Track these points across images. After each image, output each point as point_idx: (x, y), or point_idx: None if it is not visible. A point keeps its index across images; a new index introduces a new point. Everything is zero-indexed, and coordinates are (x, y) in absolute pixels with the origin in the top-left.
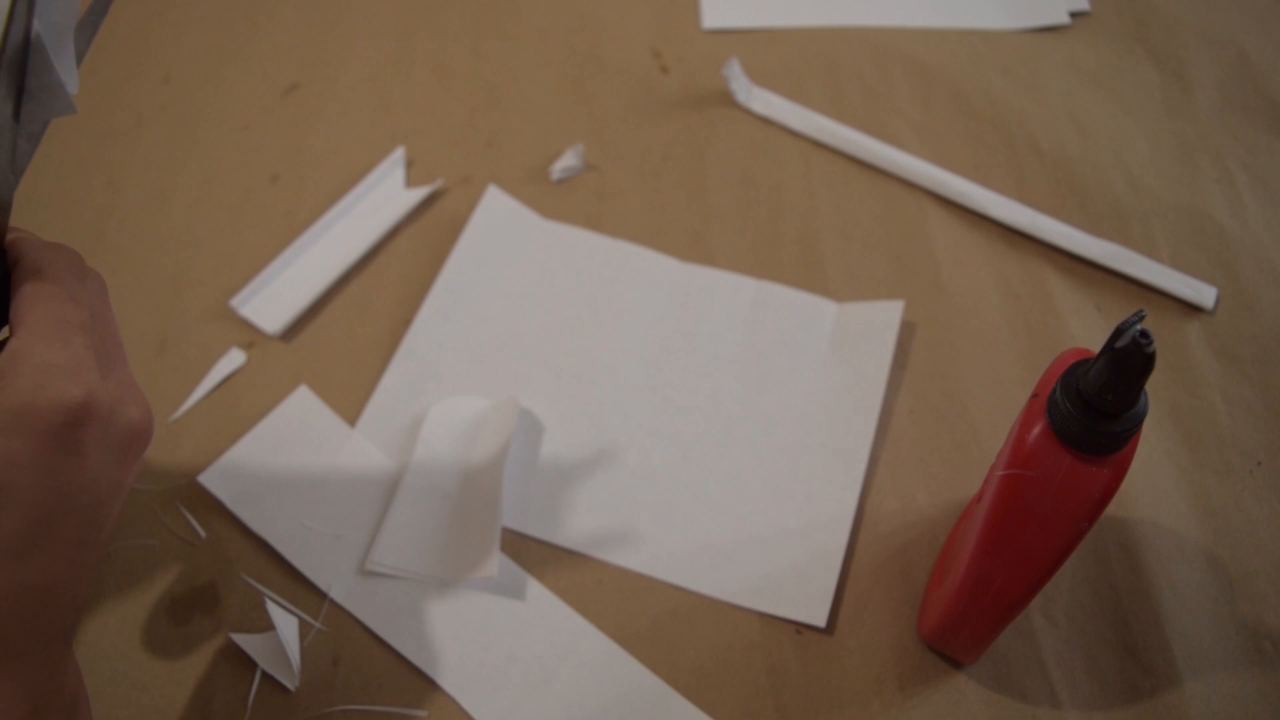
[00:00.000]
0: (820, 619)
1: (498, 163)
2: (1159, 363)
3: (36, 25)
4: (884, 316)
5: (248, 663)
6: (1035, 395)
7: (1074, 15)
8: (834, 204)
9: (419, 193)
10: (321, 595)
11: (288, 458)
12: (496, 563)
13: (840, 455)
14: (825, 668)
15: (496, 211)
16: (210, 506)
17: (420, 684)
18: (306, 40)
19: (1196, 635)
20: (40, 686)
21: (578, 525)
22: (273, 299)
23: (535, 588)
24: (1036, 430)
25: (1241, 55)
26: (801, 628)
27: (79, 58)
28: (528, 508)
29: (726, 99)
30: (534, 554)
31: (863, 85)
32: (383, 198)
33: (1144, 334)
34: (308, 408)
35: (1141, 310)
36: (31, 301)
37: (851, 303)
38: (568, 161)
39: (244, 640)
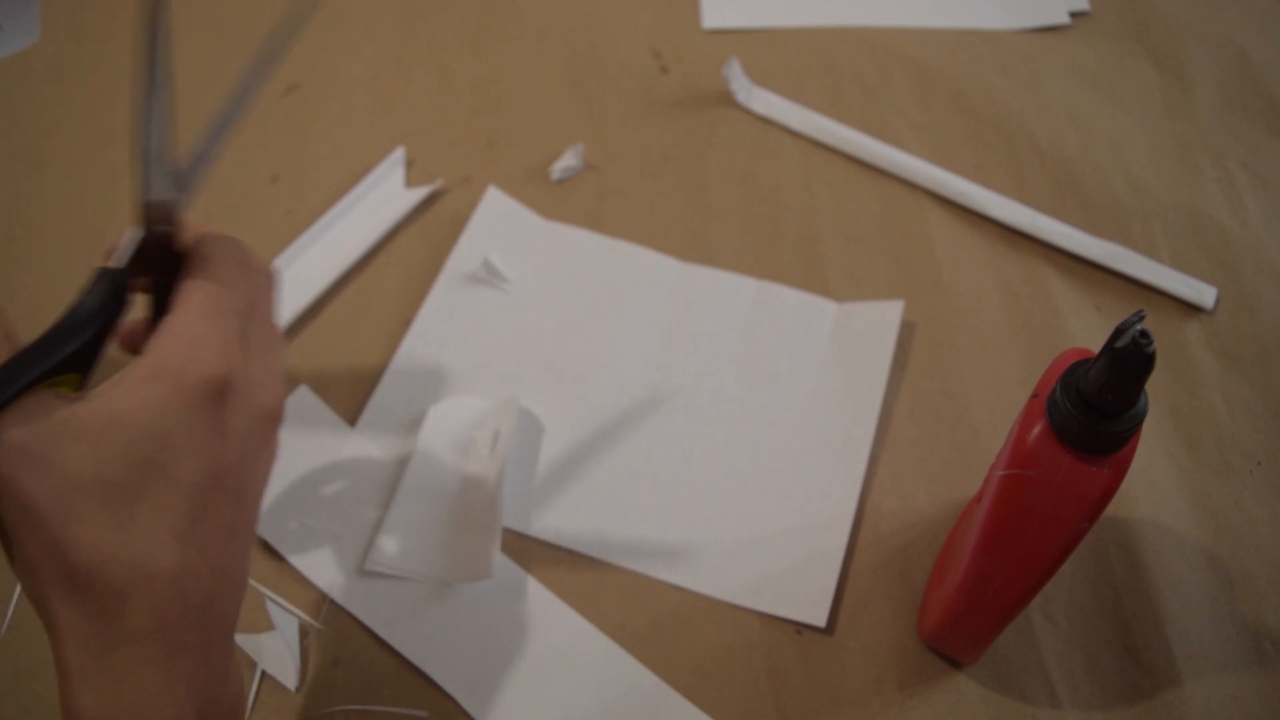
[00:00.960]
0: (820, 619)
1: (498, 163)
2: (1159, 363)
3: None
4: (884, 316)
5: (248, 663)
6: (1035, 395)
7: (1074, 15)
8: (834, 204)
9: (419, 193)
10: (321, 595)
11: (287, 458)
12: (497, 563)
13: (840, 455)
14: (825, 668)
15: (496, 212)
16: None
17: (420, 684)
18: (306, 40)
19: (1196, 635)
20: (208, 690)
21: (578, 525)
22: None
23: (535, 588)
24: (1036, 430)
25: (1241, 55)
26: (801, 628)
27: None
28: (528, 508)
29: (726, 99)
30: (534, 554)
31: (863, 85)
32: (383, 198)
33: (1144, 334)
34: (308, 408)
35: (1141, 310)
36: (191, 286)
37: (851, 303)
38: (568, 161)
39: (244, 640)
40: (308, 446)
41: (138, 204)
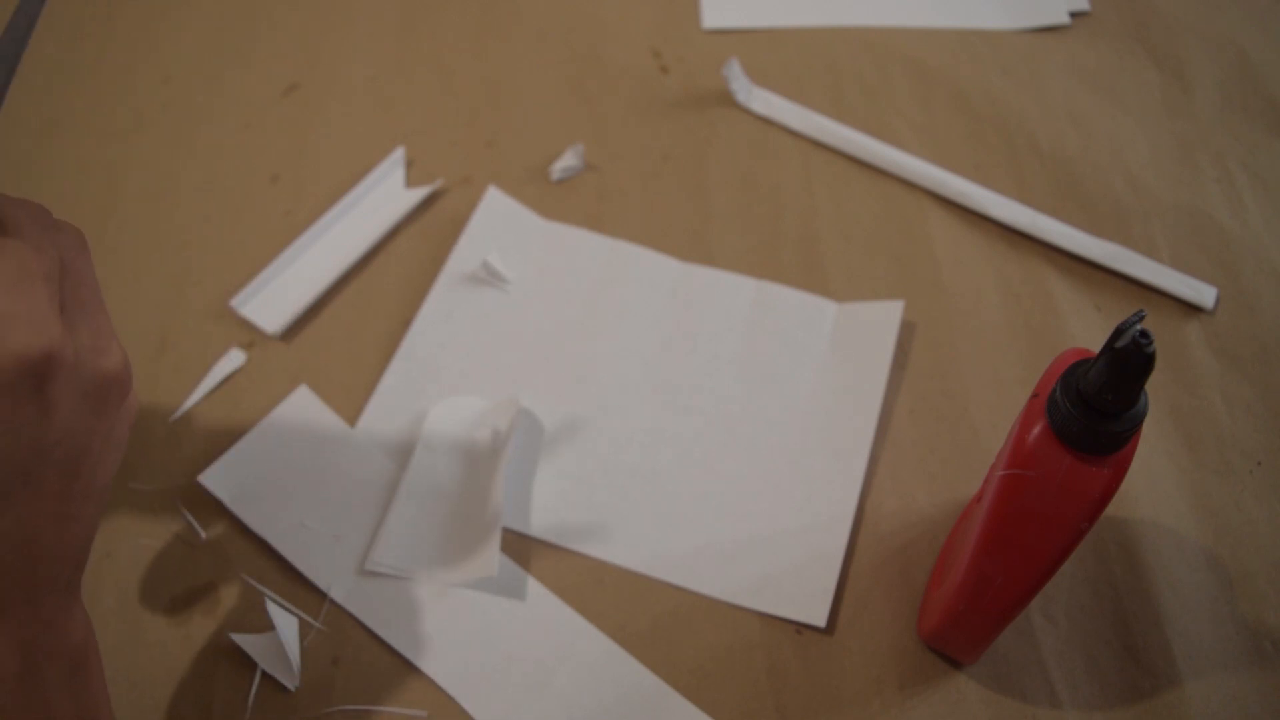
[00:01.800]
0: (820, 619)
1: (498, 163)
2: (1159, 363)
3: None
4: (884, 316)
5: (248, 663)
6: (1035, 395)
7: (1074, 15)
8: (834, 204)
9: (419, 193)
10: (321, 595)
11: (288, 458)
12: (496, 563)
13: (840, 455)
14: (825, 668)
15: (496, 212)
16: (210, 506)
17: (420, 684)
18: (306, 40)
19: (1196, 635)
20: (34, 640)
21: (578, 525)
22: (273, 299)
23: (535, 588)
24: (1036, 430)
25: (1241, 55)
26: (801, 628)
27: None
28: (528, 508)
29: (726, 99)
30: (534, 554)
31: (863, 85)
32: (383, 198)
33: (1144, 334)
34: (308, 408)
35: (1141, 310)
36: None
37: (851, 303)
38: (568, 161)
39: (244, 640)
40: (308, 446)
41: None
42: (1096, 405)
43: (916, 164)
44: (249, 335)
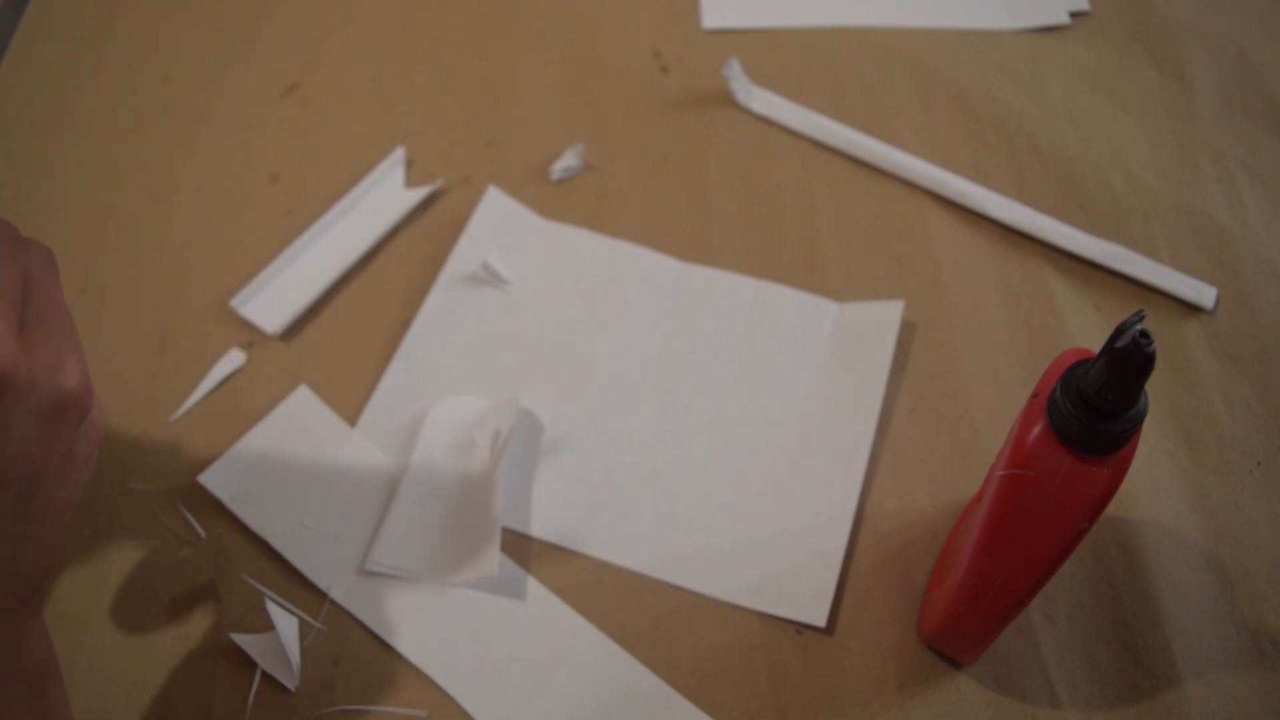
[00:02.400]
0: (820, 619)
1: (498, 163)
2: (1159, 363)
3: None
4: (884, 316)
5: (248, 663)
6: (1035, 395)
7: (1074, 15)
8: (834, 204)
9: (419, 193)
10: (321, 595)
11: (288, 458)
12: (496, 563)
13: (840, 455)
14: (825, 668)
15: (496, 212)
16: (210, 506)
17: (420, 684)
18: (306, 40)
19: (1196, 635)
20: None
21: (578, 525)
22: (273, 299)
23: (535, 588)
24: (1036, 430)
25: (1241, 55)
26: (801, 628)
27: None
28: (528, 508)
29: (726, 99)
30: (534, 554)
31: (863, 85)
32: (383, 198)
33: (1144, 334)
34: (308, 408)
35: (1141, 310)
36: None
37: (851, 303)
38: (568, 161)
39: (244, 640)
40: (308, 446)
41: None
42: (1096, 405)
43: (916, 164)
44: (249, 335)
